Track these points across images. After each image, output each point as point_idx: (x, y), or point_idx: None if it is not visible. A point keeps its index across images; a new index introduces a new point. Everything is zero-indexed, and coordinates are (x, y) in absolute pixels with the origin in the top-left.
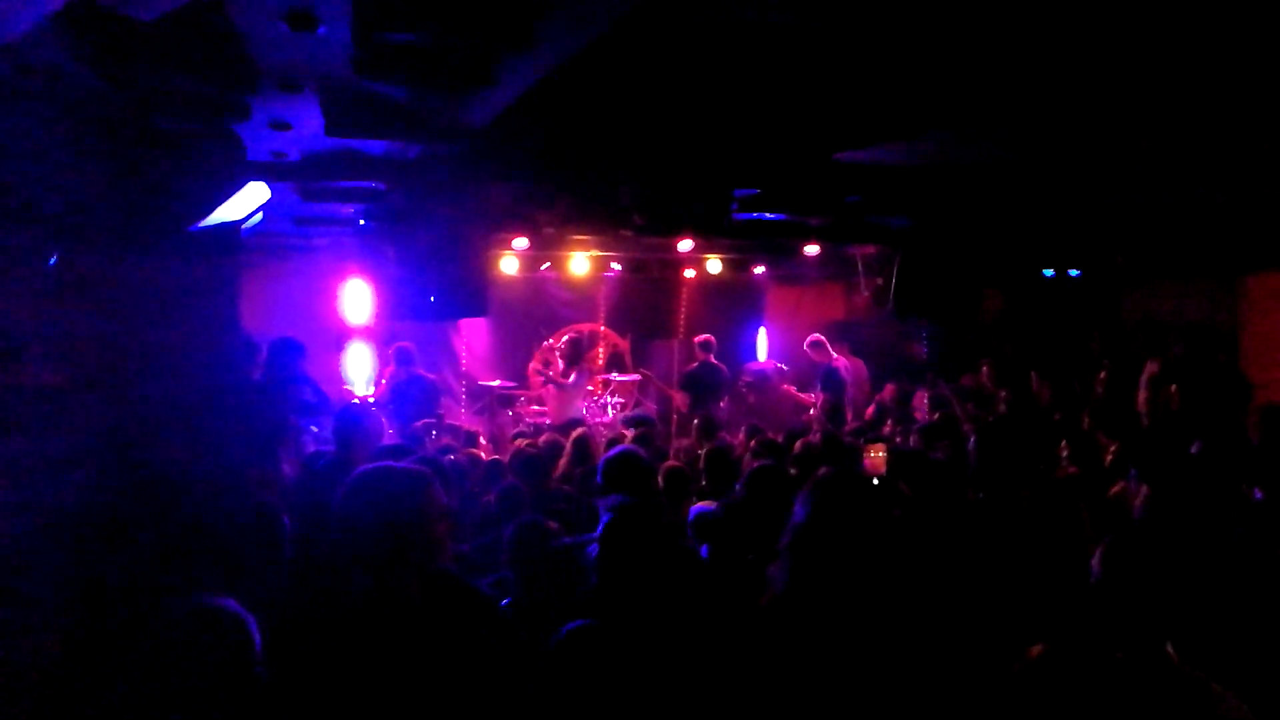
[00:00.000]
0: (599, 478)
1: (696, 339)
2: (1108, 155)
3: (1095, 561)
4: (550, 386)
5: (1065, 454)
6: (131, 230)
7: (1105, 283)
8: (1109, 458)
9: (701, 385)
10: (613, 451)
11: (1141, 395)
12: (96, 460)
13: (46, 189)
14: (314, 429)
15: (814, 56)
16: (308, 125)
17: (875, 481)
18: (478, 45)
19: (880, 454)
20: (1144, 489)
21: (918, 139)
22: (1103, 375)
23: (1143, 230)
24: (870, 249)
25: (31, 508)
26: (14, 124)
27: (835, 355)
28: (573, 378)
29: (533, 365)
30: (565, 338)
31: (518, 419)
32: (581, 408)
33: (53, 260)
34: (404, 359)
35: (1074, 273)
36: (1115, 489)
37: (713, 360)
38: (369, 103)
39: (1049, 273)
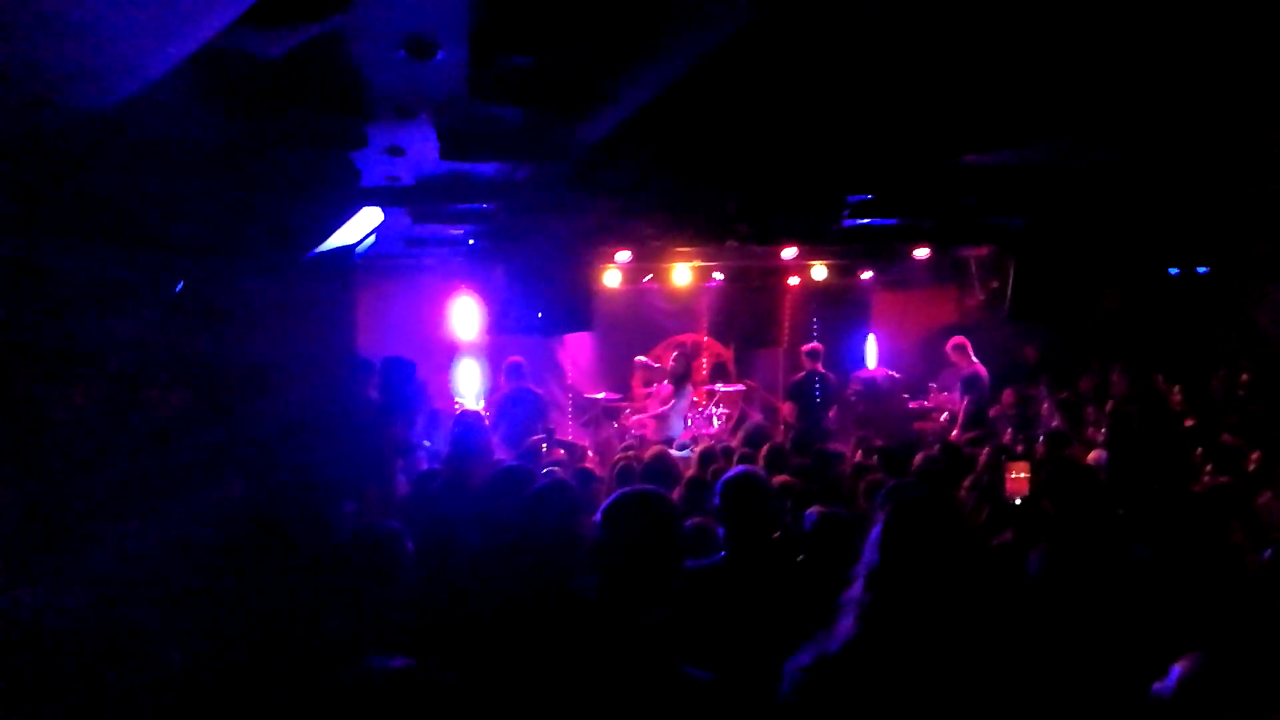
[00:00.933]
0: (716, 499)
1: (804, 348)
2: (1238, 148)
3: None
4: (652, 404)
5: (1205, 463)
6: (251, 257)
7: (1237, 279)
8: (1252, 466)
9: (809, 395)
10: (731, 473)
11: None
12: (221, 479)
13: (172, 219)
14: (427, 444)
15: (935, 63)
16: (421, 150)
17: (1017, 502)
18: (595, 66)
19: (1023, 474)
20: None
21: (1041, 142)
22: (1245, 378)
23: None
24: (983, 250)
25: (159, 526)
26: (143, 159)
27: (974, 360)
28: (673, 400)
29: (636, 380)
30: (674, 355)
31: (623, 431)
32: (681, 426)
33: (179, 287)
34: (515, 374)
35: (1202, 270)
36: (1262, 498)
37: (820, 369)
38: (483, 126)
39: (1174, 270)
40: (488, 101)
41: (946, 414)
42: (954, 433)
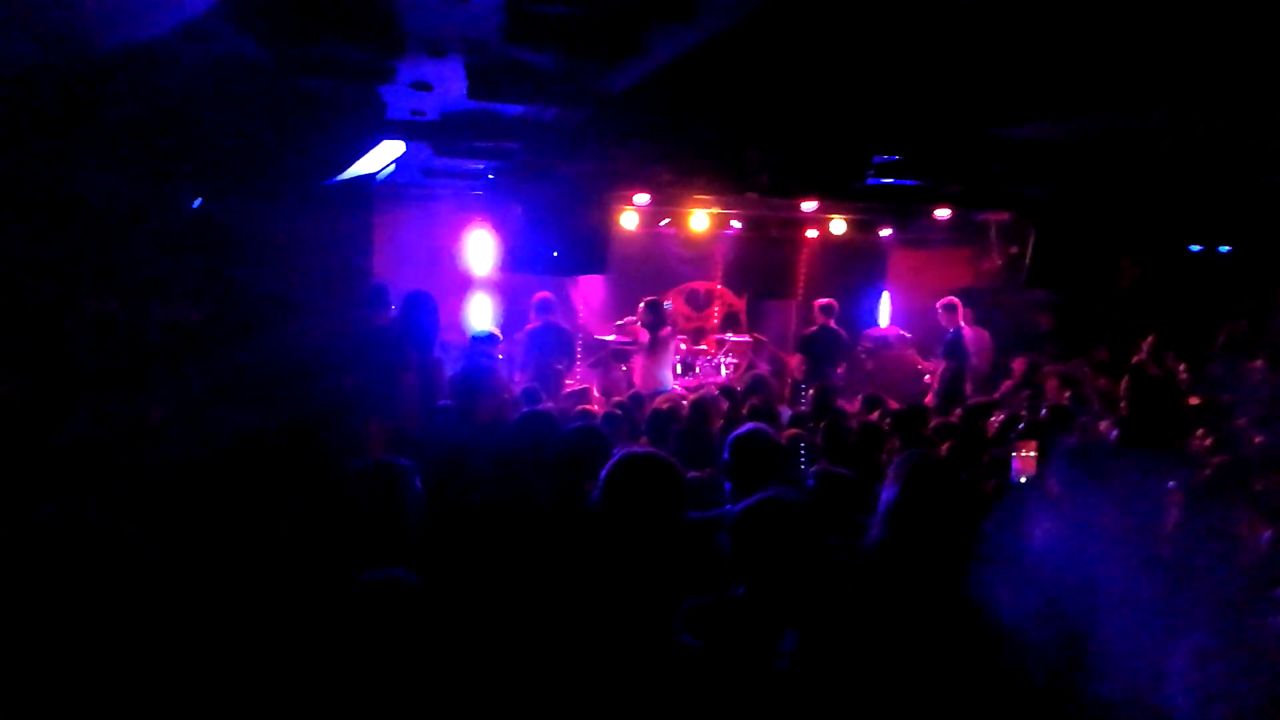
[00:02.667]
0: (725, 454)
1: (818, 302)
2: (1269, 130)
3: None
4: (637, 354)
5: (1207, 442)
6: (271, 183)
7: (1262, 260)
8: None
9: (819, 350)
10: (742, 430)
11: None
12: (234, 398)
13: (196, 143)
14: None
15: (968, 30)
16: (449, 87)
17: (1023, 481)
18: (632, 16)
19: (1032, 453)
20: None
21: (1071, 117)
22: (1259, 364)
23: None
24: (1004, 215)
25: (175, 437)
26: (173, 83)
27: (962, 322)
28: (653, 340)
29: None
30: (641, 303)
31: (630, 374)
32: (668, 374)
33: (196, 203)
34: (544, 308)
35: (1224, 249)
36: (1259, 485)
37: (833, 325)
38: (514, 68)
39: (1196, 248)
40: (521, 45)
41: (927, 376)
42: (928, 398)
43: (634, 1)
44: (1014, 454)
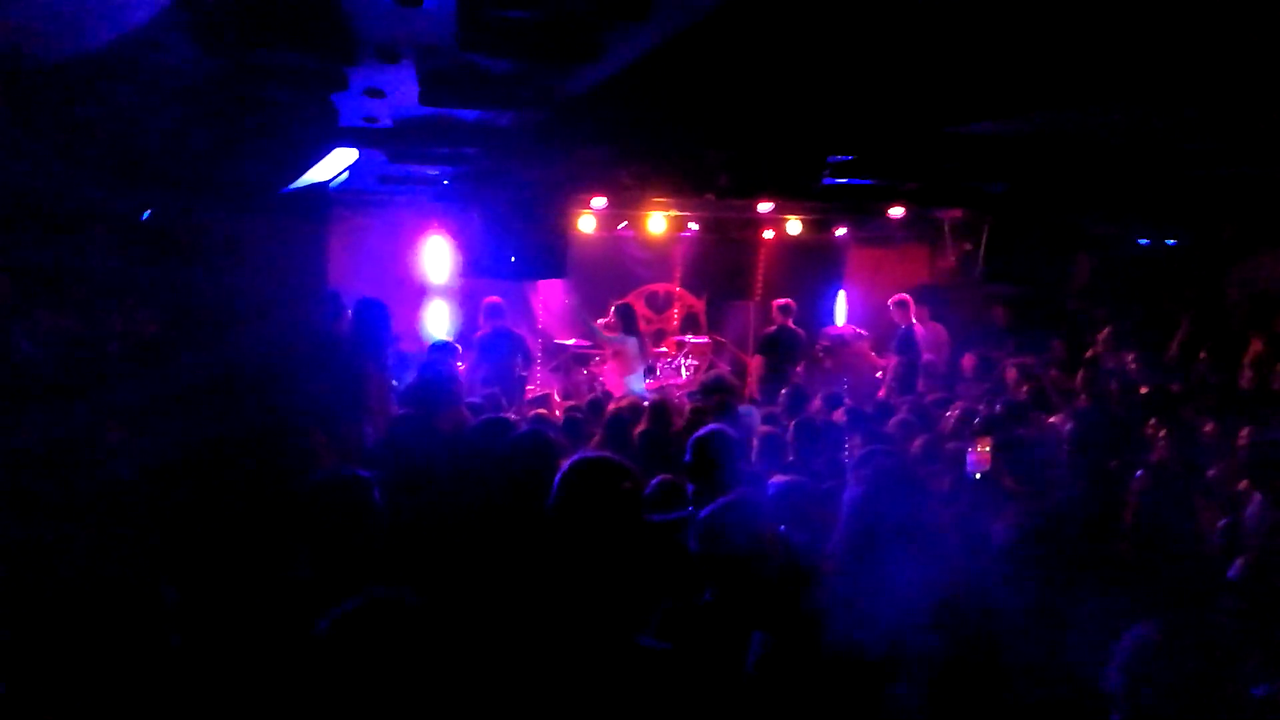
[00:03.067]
0: (687, 456)
1: (776, 303)
2: (1215, 127)
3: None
4: (608, 359)
5: (1160, 434)
6: (224, 191)
7: (1207, 253)
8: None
9: (779, 350)
10: (702, 431)
11: (1245, 375)
12: (192, 409)
13: (147, 152)
14: (395, 383)
15: (922, 31)
16: (403, 93)
17: (978, 478)
18: (588, 18)
19: (987, 449)
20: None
21: (1023, 115)
22: (1202, 355)
23: (1252, 200)
24: (959, 213)
25: (132, 451)
26: (122, 91)
27: (914, 319)
28: (628, 344)
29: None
30: (612, 306)
31: (592, 378)
32: (640, 377)
33: (145, 215)
34: (494, 314)
35: (1171, 242)
36: (1212, 472)
37: (791, 325)
38: (467, 73)
39: (1144, 241)
40: (475, 50)
41: (880, 372)
42: (880, 392)
43: (589, 3)
44: (969, 449)
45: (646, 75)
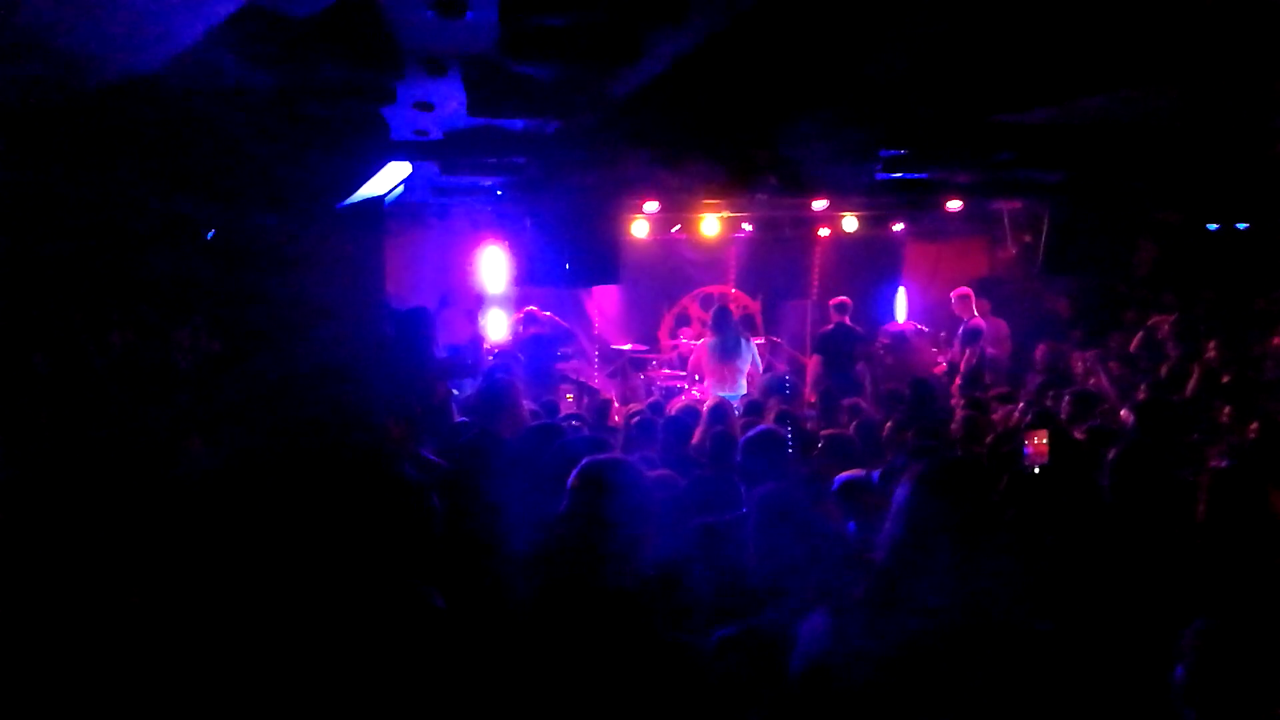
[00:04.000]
0: (739, 456)
1: (832, 301)
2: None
3: None
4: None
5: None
6: (282, 205)
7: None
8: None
9: (835, 349)
10: (753, 431)
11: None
12: (251, 422)
13: (206, 169)
14: (455, 392)
15: (970, 22)
16: (450, 104)
17: (1036, 471)
18: (626, 24)
19: (1044, 440)
20: None
21: (1077, 101)
22: (1277, 341)
23: None
24: (1017, 204)
25: (191, 467)
26: (183, 113)
27: (976, 312)
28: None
29: (663, 331)
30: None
31: (649, 382)
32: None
33: (210, 234)
34: (530, 321)
35: (1241, 226)
36: None
37: (848, 322)
38: (512, 82)
39: (1213, 226)
40: (517, 60)
41: (945, 364)
42: (955, 383)
43: (626, 6)
44: (1026, 442)
45: (689, 75)
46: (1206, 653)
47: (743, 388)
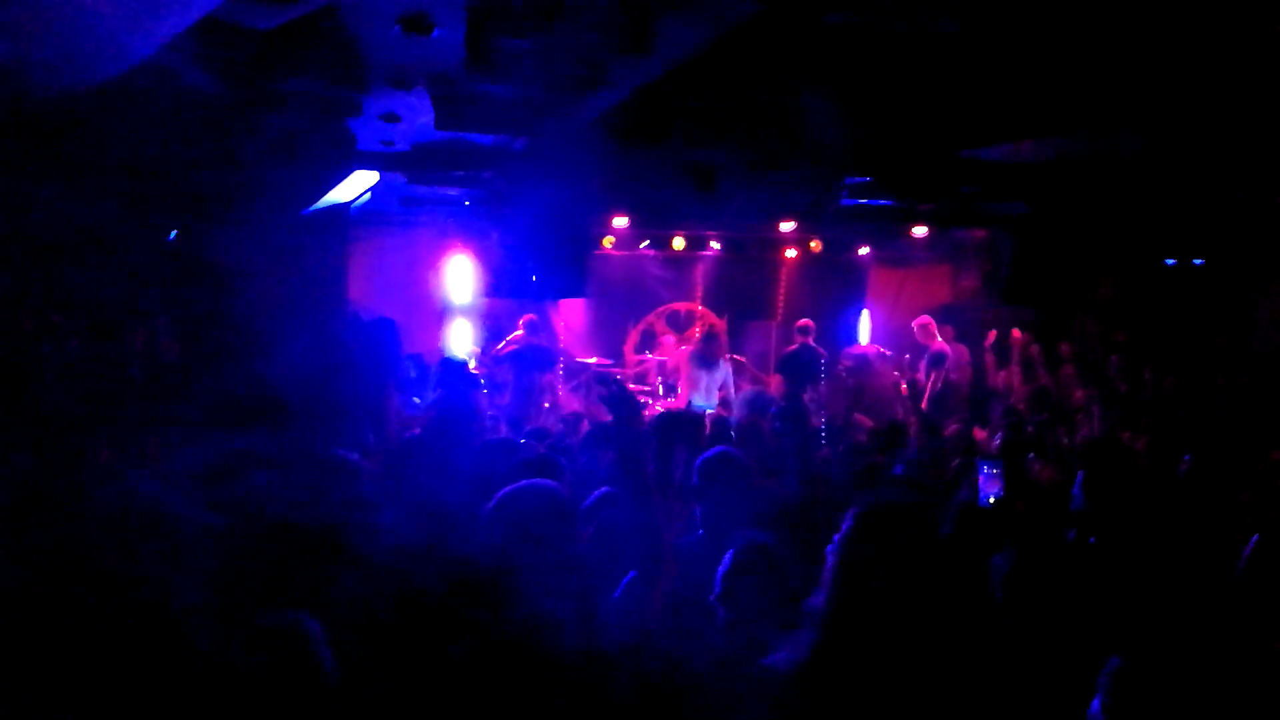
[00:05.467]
0: (695, 478)
1: (796, 324)
2: (1241, 151)
3: None
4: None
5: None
6: (247, 214)
7: (1236, 275)
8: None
9: (799, 369)
10: (708, 453)
11: None
12: (208, 429)
13: (168, 176)
14: (416, 400)
15: (937, 60)
16: (417, 117)
17: (991, 502)
18: (592, 50)
19: (995, 471)
20: None
21: (1039, 139)
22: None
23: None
24: (981, 233)
25: (155, 476)
26: (144, 120)
27: (939, 339)
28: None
29: (629, 345)
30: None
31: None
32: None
33: (172, 235)
34: (532, 329)
35: (1198, 262)
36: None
37: (811, 344)
38: (479, 99)
39: (1170, 261)
40: (483, 79)
41: (906, 386)
42: (923, 404)
43: (592, 35)
44: (981, 474)
45: (657, 101)
46: (1121, 689)
47: (715, 401)
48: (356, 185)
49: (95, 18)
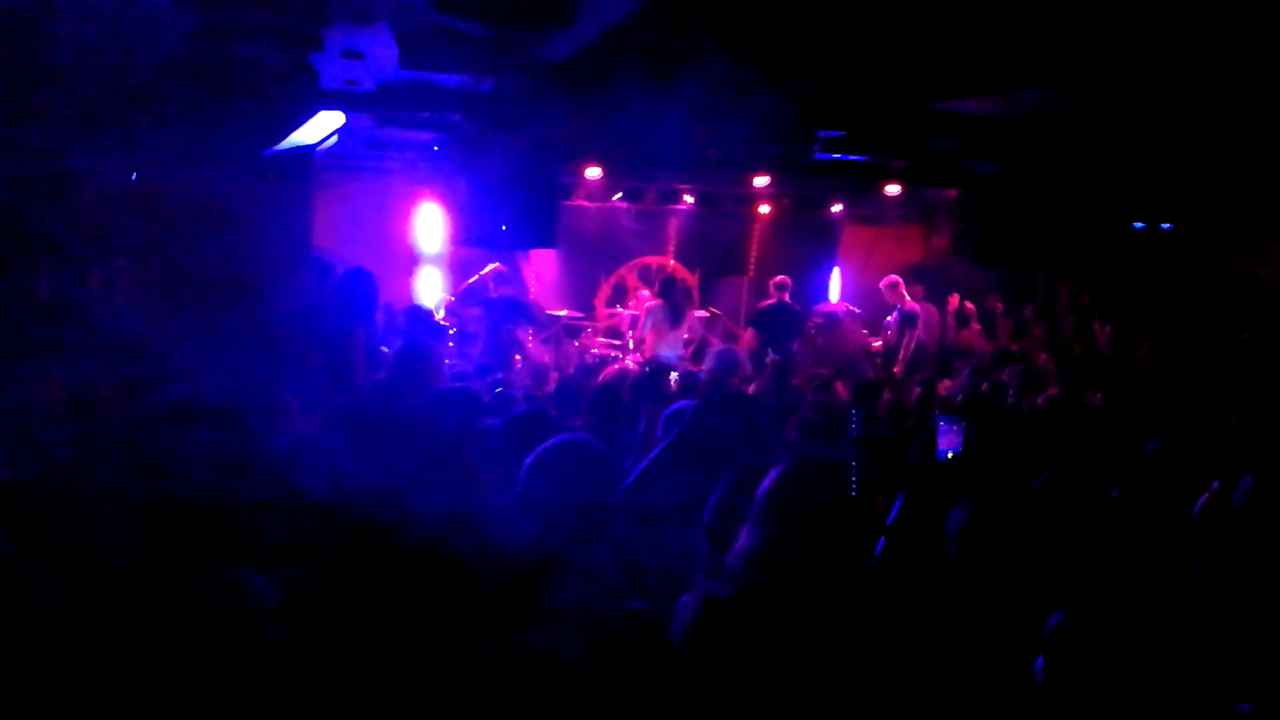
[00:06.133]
0: (659, 429)
1: (772, 280)
2: (1211, 113)
3: None
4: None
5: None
6: (208, 153)
7: (1202, 239)
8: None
9: (774, 325)
10: (673, 408)
11: None
12: (166, 377)
13: (130, 113)
14: (385, 350)
15: (907, 8)
16: (382, 55)
17: (949, 457)
18: None
19: (955, 427)
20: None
21: (1011, 93)
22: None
23: (1248, 187)
24: (953, 193)
25: (105, 422)
26: (102, 52)
27: (908, 298)
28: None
29: (599, 298)
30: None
31: (583, 349)
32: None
33: (133, 176)
34: (501, 280)
35: (1166, 226)
36: None
37: (787, 300)
38: (445, 36)
39: (1139, 225)
40: (449, 14)
41: (879, 343)
42: (896, 369)
43: None
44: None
45: (626, 42)
46: (1064, 645)
47: (680, 353)
48: (322, 127)
49: None
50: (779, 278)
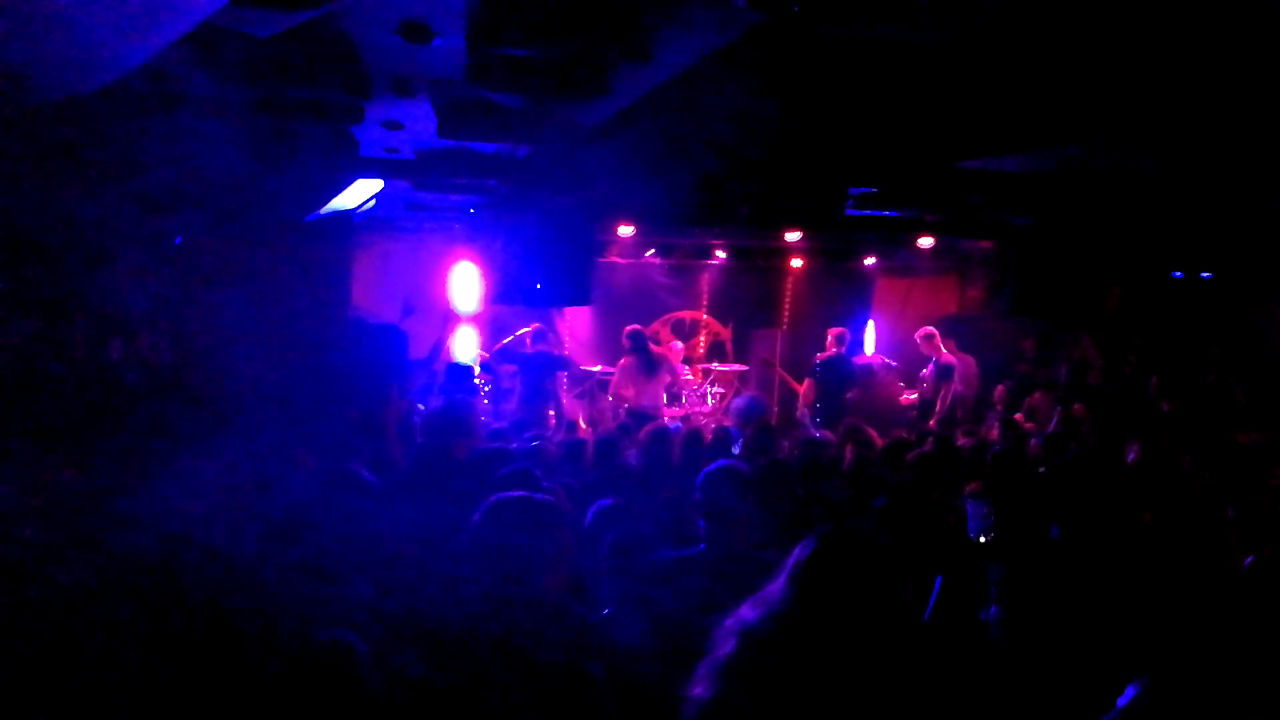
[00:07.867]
0: (697, 492)
1: (831, 331)
2: (1247, 165)
3: None
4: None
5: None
6: (249, 220)
7: (1240, 289)
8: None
9: (832, 376)
10: (711, 466)
11: None
12: (205, 440)
13: (174, 183)
14: (422, 407)
15: (940, 70)
16: (420, 124)
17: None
18: (592, 58)
19: (975, 490)
20: None
21: (1044, 151)
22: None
23: None
24: (988, 243)
25: (148, 484)
26: (147, 127)
27: (944, 351)
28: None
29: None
30: (626, 331)
31: (618, 404)
32: (660, 399)
33: (177, 240)
34: (539, 338)
35: (1205, 275)
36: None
37: (844, 352)
38: (481, 107)
39: (1177, 274)
40: (485, 87)
41: (916, 397)
42: (931, 422)
43: (593, 43)
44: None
45: (660, 107)
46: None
47: (659, 401)
48: (361, 192)
49: (89, 24)
50: (837, 329)
